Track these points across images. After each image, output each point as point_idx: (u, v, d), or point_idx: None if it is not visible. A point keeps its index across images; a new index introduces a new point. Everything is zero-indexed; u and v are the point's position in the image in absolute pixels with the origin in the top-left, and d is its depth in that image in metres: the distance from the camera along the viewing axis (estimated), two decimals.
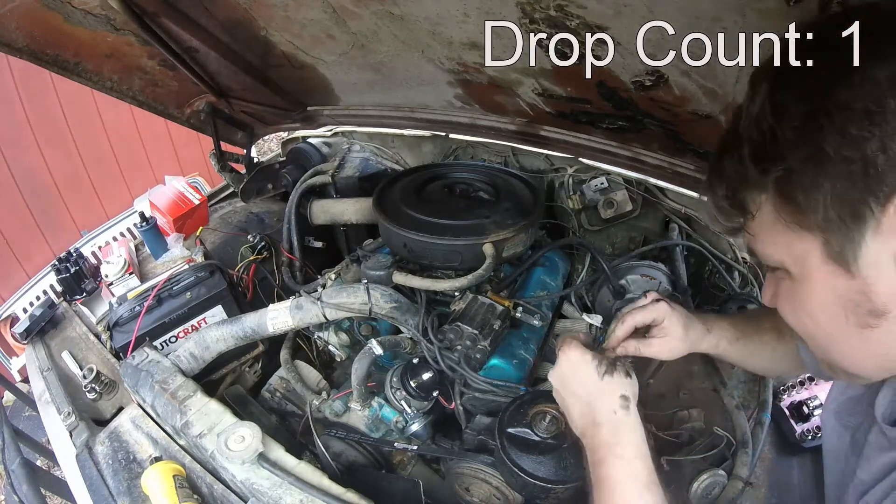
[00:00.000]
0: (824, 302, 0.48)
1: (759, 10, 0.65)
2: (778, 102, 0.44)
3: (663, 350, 0.82)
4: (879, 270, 0.43)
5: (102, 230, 2.83)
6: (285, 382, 1.29)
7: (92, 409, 1.23)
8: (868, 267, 0.44)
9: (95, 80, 1.45)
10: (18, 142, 3.10)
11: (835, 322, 0.48)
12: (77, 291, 1.53)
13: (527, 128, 1.40)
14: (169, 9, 1.17)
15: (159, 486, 0.88)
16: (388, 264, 1.16)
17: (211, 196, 1.96)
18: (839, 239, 0.44)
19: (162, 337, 1.23)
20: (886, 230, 0.41)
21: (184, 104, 1.69)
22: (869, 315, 0.45)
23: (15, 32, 1.22)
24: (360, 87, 1.50)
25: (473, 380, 1.01)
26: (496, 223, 1.15)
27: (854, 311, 0.46)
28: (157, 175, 3.75)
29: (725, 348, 0.84)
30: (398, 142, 1.89)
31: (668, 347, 0.82)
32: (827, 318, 0.49)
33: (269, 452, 0.89)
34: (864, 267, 0.44)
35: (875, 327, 0.46)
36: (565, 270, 1.39)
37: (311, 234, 1.63)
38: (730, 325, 0.85)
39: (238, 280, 1.47)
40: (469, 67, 1.17)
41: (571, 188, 1.52)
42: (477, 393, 1.03)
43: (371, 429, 1.06)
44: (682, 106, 0.96)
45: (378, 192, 1.32)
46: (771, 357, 0.82)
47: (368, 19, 1.07)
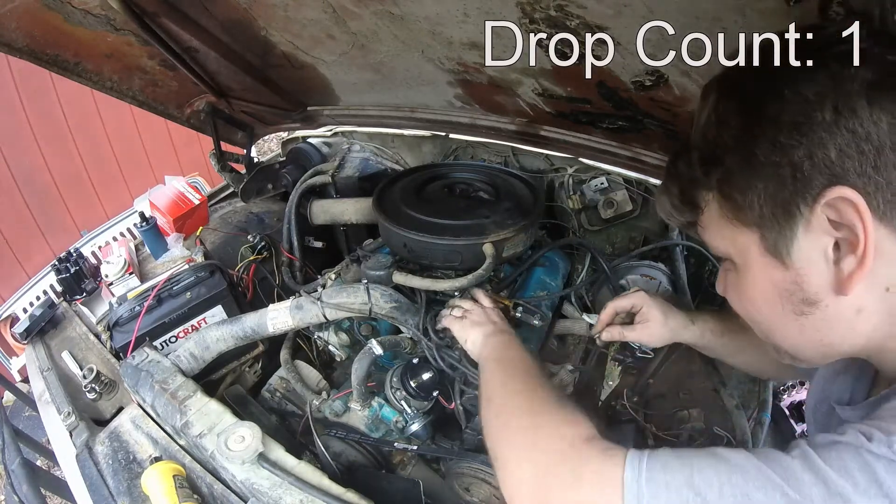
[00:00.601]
0: (763, 291, 0.53)
1: (759, 10, 0.65)
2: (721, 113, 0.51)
3: (644, 334, 0.92)
4: (811, 264, 0.48)
5: (102, 230, 2.82)
6: (285, 382, 1.29)
7: (92, 409, 1.23)
8: (800, 260, 0.48)
9: (95, 80, 1.45)
10: (18, 142, 3.10)
11: (773, 309, 0.53)
12: (77, 291, 1.53)
13: (527, 128, 1.40)
14: (169, 9, 1.17)
15: (159, 486, 0.88)
16: (388, 264, 1.16)
17: (211, 196, 1.96)
18: (773, 234, 0.49)
19: (162, 337, 1.23)
20: (816, 228, 0.46)
21: (184, 104, 1.69)
22: (802, 304, 0.50)
23: (15, 32, 1.22)
24: (360, 87, 1.50)
25: (474, 378, 1.00)
26: (496, 223, 1.15)
27: (789, 300, 0.51)
28: (157, 175, 3.75)
29: (710, 340, 0.90)
30: (398, 142, 1.89)
31: (649, 332, 0.92)
32: (766, 306, 0.54)
33: (269, 452, 0.89)
34: (797, 260, 0.48)
35: (809, 314, 0.50)
36: (565, 270, 1.39)
37: (311, 234, 1.63)
38: (717, 320, 0.91)
39: (238, 280, 1.47)
40: (469, 67, 1.17)
41: (571, 188, 1.52)
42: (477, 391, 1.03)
43: (371, 429, 1.06)
44: (682, 106, 0.96)
45: (378, 192, 1.32)
46: (759, 356, 0.86)
47: (368, 19, 1.07)
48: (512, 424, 0.66)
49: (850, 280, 0.46)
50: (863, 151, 0.42)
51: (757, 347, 0.85)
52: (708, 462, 0.47)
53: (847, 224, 0.44)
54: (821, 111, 0.43)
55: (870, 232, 0.43)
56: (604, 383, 1.19)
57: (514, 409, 0.69)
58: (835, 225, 0.45)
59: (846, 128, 0.42)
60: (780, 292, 0.51)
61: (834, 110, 0.43)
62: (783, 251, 0.49)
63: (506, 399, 0.72)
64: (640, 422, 1.01)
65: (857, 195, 0.43)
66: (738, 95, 0.50)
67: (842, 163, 0.43)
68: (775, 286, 0.51)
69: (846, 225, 0.45)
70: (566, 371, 1.20)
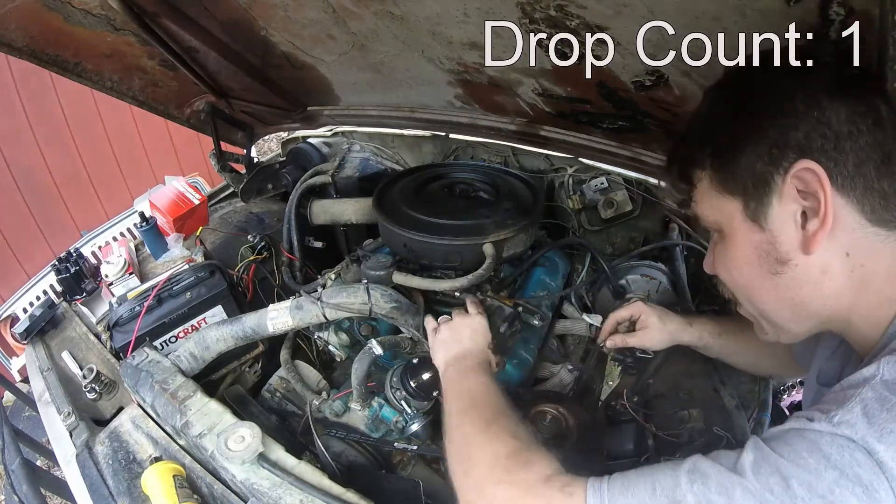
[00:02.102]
0: (744, 253, 0.61)
1: (759, 10, 0.65)
2: (715, 104, 0.63)
3: (644, 339, 1.00)
4: (783, 226, 0.57)
5: (102, 230, 2.82)
6: (285, 382, 1.29)
7: (92, 409, 1.23)
8: (774, 223, 0.57)
9: (95, 80, 1.45)
10: (18, 142, 3.10)
11: (752, 270, 0.61)
12: (77, 291, 1.53)
13: (527, 128, 1.40)
14: (169, 9, 1.17)
15: (159, 486, 0.88)
16: (388, 264, 1.16)
17: (211, 196, 1.96)
18: (753, 202, 0.58)
19: (162, 337, 1.23)
20: (787, 196, 0.55)
21: (184, 104, 1.69)
22: (776, 263, 0.58)
23: (15, 32, 1.22)
24: (360, 87, 1.50)
25: None
26: (496, 223, 1.15)
27: (766, 260, 0.59)
28: (157, 175, 3.75)
29: (709, 342, 0.97)
30: (398, 142, 1.89)
31: (650, 337, 0.99)
32: (747, 268, 0.62)
33: (269, 452, 0.89)
34: (772, 223, 0.57)
35: (781, 273, 0.58)
36: (565, 270, 1.39)
37: (311, 234, 1.63)
38: (714, 321, 0.98)
39: (238, 280, 1.46)
40: (469, 67, 1.17)
41: (571, 188, 1.52)
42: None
43: (371, 429, 1.06)
44: (682, 106, 0.96)
45: (378, 192, 1.32)
46: (757, 355, 0.94)
47: (368, 19, 1.07)
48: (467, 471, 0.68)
49: (814, 239, 0.54)
50: (825, 135, 0.52)
51: (754, 346, 0.92)
52: (668, 473, 0.52)
53: (811, 192, 0.53)
54: (792, 100, 0.54)
55: (829, 198, 0.52)
56: (604, 383, 1.19)
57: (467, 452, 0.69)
58: (802, 195, 0.54)
59: (812, 115, 0.53)
60: (759, 253, 0.59)
61: (803, 100, 0.53)
62: (761, 217, 0.58)
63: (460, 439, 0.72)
64: (640, 422, 1.01)
65: (820, 168, 0.52)
66: (730, 91, 0.63)
67: (808, 143, 0.53)
68: (754, 248, 0.60)
69: (811, 193, 0.54)
70: (566, 371, 1.20)
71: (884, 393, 0.46)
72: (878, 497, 0.42)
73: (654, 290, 1.23)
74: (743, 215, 0.59)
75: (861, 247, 0.54)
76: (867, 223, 0.54)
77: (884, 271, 0.55)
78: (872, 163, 0.52)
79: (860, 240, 0.54)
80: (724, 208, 0.61)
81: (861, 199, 0.53)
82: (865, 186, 0.52)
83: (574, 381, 1.19)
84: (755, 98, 0.57)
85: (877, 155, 0.52)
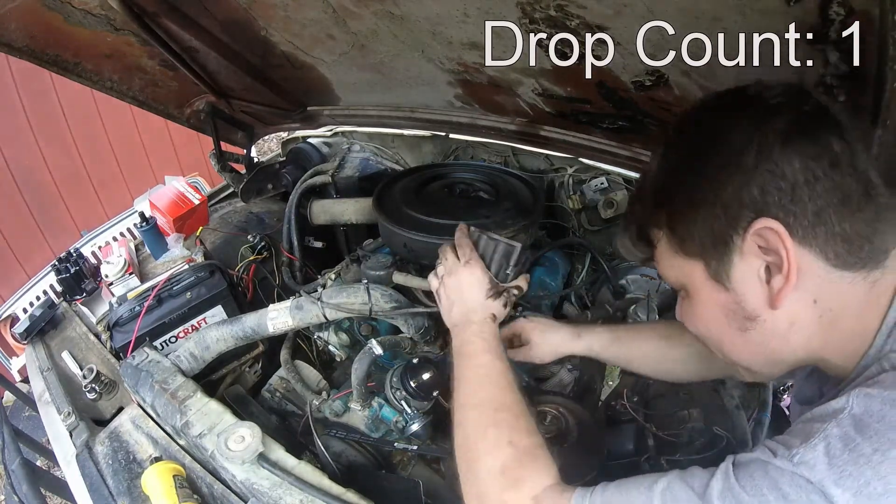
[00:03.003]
0: (711, 312, 0.61)
1: (759, 10, 0.65)
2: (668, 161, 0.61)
3: (528, 355, 1.01)
4: (747, 285, 0.56)
5: (102, 230, 2.82)
6: (285, 382, 1.29)
7: (92, 409, 1.23)
8: (738, 282, 0.56)
9: (95, 80, 1.45)
10: (18, 142, 3.10)
11: (721, 327, 0.61)
12: (77, 291, 1.53)
13: (527, 128, 1.40)
14: (169, 9, 1.17)
15: (159, 486, 0.88)
16: (388, 264, 1.16)
17: (211, 196, 1.96)
18: (714, 262, 0.57)
19: (162, 337, 1.23)
20: (748, 254, 0.54)
21: (184, 104, 1.69)
22: (744, 320, 0.57)
23: (15, 32, 1.22)
24: (360, 87, 1.50)
25: None
26: (496, 223, 1.15)
27: (733, 318, 0.58)
28: (157, 175, 3.75)
29: (599, 352, 0.98)
30: (398, 142, 1.89)
31: (531, 352, 1.00)
32: (715, 325, 0.61)
33: (269, 452, 0.89)
34: (736, 282, 0.56)
35: (750, 329, 0.58)
36: (565, 270, 1.39)
37: (311, 234, 1.63)
38: (608, 331, 0.98)
39: (238, 280, 1.47)
40: (469, 67, 1.17)
41: (571, 188, 1.52)
42: None
43: (371, 429, 1.06)
44: (682, 106, 0.96)
45: (378, 192, 1.32)
46: (657, 361, 0.93)
47: (368, 19, 1.07)
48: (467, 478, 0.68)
49: (779, 296, 0.54)
50: (780, 188, 0.51)
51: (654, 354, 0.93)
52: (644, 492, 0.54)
53: (773, 249, 0.52)
54: (744, 156, 0.52)
55: (791, 254, 0.51)
56: (604, 383, 1.19)
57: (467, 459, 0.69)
58: (763, 250, 0.53)
59: (765, 169, 0.51)
60: (725, 312, 0.59)
61: (755, 155, 0.52)
62: (723, 276, 0.56)
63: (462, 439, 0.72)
64: (640, 422, 1.01)
65: (779, 224, 0.51)
66: (681, 146, 0.60)
67: (764, 198, 0.52)
68: (720, 307, 0.59)
69: (772, 249, 0.52)
70: (566, 371, 1.20)
71: (849, 431, 0.46)
72: None
73: (654, 290, 1.23)
74: (705, 275, 0.58)
75: (828, 292, 0.54)
76: (832, 269, 0.53)
77: (853, 310, 0.54)
78: (832, 207, 0.51)
79: (827, 285, 0.53)
80: (686, 268, 0.60)
81: (824, 247, 0.52)
82: (827, 233, 0.51)
83: (574, 381, 1.19)
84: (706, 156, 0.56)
85: (836, 198, 0.51)
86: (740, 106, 0.56)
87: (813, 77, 0.71)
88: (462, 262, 0.88)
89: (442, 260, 0.92)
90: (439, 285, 0.91)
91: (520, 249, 0.87)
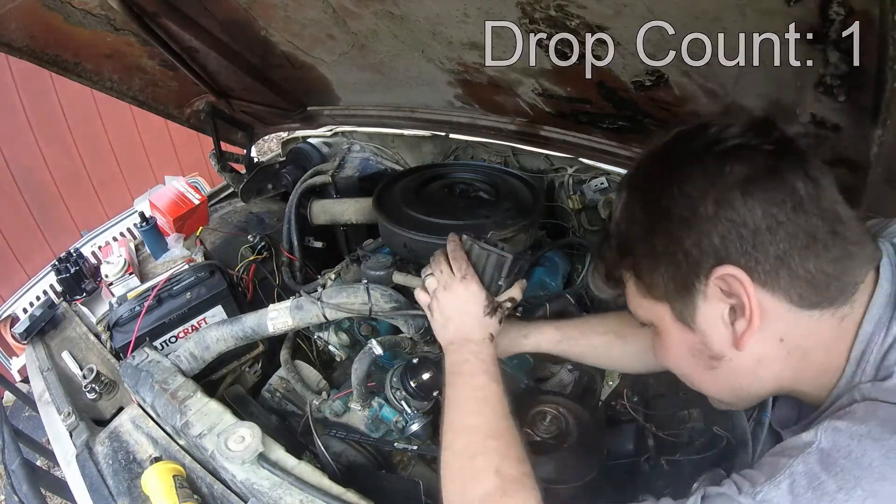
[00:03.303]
0: (679, 350, 0.63)
1: (759, 10, 0.65)
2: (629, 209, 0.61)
3: None
4: (712, 327, 0.57)
5: (102, 230, 2.82)
6: (285, 382, 1.29)
7: (92, 409, 1.23)
8: (703, 324, 0.57)
9: (95, 80, 1.45)
10: (18, 142, 3.10)
11: (690, 365, 0.63)
12: (77, 291, 1.53)
13: (527, 128, 1.40)
14: (169, 9, 1.17)
15: (159, 487, 0.88)
16: (388, 264, 1.16)
17: (211, 196, 1.96)
18: (679, 306, 0.58)
19: (162, 337, 1.22)
20: (712, 298, 0.55)
21: (184, 104, 1.69)
22: (711, 359, 0.59)
23: (15, 32, 1.22)
24: (360, 87, 1.50)
25: None
26: (496, 223, 1.16)
27: (700, 357, 0.60)
28: (157, 175, 3.75)
29: (549, 349, 0.97)
30: (398, 142, 1.89)
31: None
32: (684, 363, 0.64)
33: (269, 452, 0.89)
34: (701, 324, 0.58)
35: (717, 368, 0.59)
36: (565, 270, 1.39)
37: (311, 234, 1.63)
38: (554, 329, 0.96)
39: (238, 280, 1.47)
40: (469, 67, 1.17)
41: (571, 188, 1.52)
42: None
43: (371, 429, 1.06)
44: (682, 106, 0.96)
45: (378, 192, 1.32)
46: (608, 355, 0.94)
47: (368, 19, 1.07)
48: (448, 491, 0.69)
49: (743, 338, 0.55)
50: (741, 235, 0.51)
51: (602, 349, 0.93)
52: None
53: (735, 294, 0.53)
54: (703, 206, 0.52)
55: (753, 298, 0.52)
56: (604, 383, 1.19)
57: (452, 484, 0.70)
58: (726, 294, 0.54)
59: (725, 218, 0.51)
60: (693, 351, 0.61)
61: (714, 203, 0.52)
62: (689, 319, 0.58)
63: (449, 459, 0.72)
64: (640, 422, 1.01)
65: (740, 271, 0.52)
66: (641, 194, 0.60)
67: (724, 246, 0.52)
68: (688, 347, 0.61)
69: (734, 294, 0.53)
70: (566, 371, 1.20)
71: (815, 469, 0.46)
72: None
73: None
74: (672, 317, 0.60)
75: (794, 331, 0.54)
76: (798, 309, 0.53)
77: (822, 345, 0.54)
78: (796, 250, 0.51)
79: (792, 325, 0.54)
80: (653, 310, 0.62)
81: (787, 290, 0.52)
82: (790, 276, 0.52)
83: (574, 381, 1.19)
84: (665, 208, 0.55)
85: (799, 241, 0.51)
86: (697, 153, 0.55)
87: (813, 77, 0.71)
88: (458, 277, 0.84)
89: (435, 272, 0.88)
90: (431, 300, 0.87)
91: (511, 260, 0.85)
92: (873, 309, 0.52)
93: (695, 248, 0.54)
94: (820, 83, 0.71)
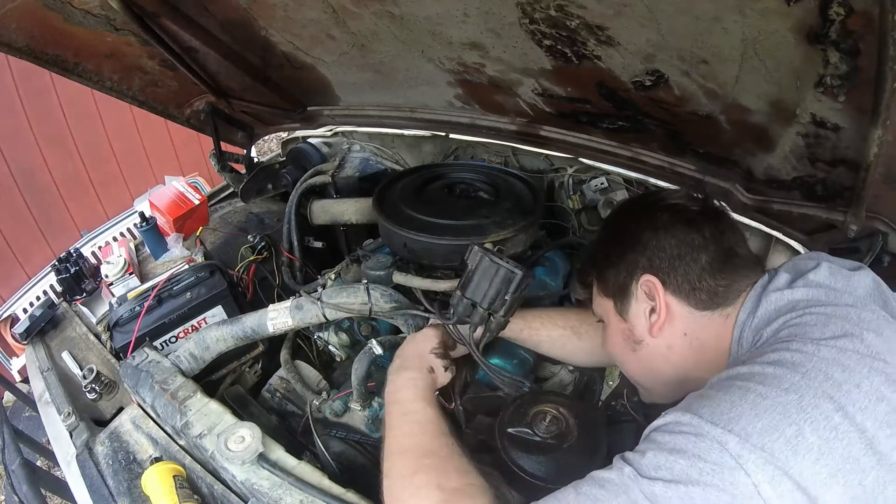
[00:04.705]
0: (616, 337, 0.85)
1: (759, 10, 0.65)
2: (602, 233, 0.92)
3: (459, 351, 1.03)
4: (637, 319, 0.80)
5: (102, 230, 2.82)
6: (285, 382, 1.29)
7: (92, 409, 1.23)
8: (632, 317, 0.81)
9: (95, 80, 1.45)
10: (18, 142, 3.10)
11: (621, 347, 0.85)
12: (77, 291, 1.53)
13: (527, 128, 1.40)
14: (169, 9, 1.17)
15: (159, 487, 0.88)
16: (388, 264, 1.16)
17: (211, 196, 1.96)
18: (619, 302, 0.82)
19: (162, 337, 1.23)
20: (639, 297, 0.79)
21: (184, 104, 1.69)
22: (634, 343, 0.81)
23: (15, 32, 1.22)
24: (360, 87, 1.50)
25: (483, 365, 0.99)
26: (496, 223, 1.15)
27: (628, 341, 0.83)
28: (157, 175, 3.75)
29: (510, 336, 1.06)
30: (398, 142, 1.89)
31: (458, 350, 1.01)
32: (618, 347, 0.86)
33: (269, 453, 0.89)
34: (630, 316, 0.81)
35: (638, 350, 0.81)
36: (565, 270, 1.39)
37: (311, 234, 1.63)
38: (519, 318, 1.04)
39: (238, 280, 1.47)
40: (469, 67, 1.17)
41: (571, 188, 1.52)
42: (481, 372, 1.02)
43: (371, 429, 1.06)
44: (682, 106, 0.96)
45: (378, 193, 1.32)
46: (562, 348, 1.08)
47: (368, 19, 1.07)
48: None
49: (654, 327, 0.77)
50: (661, 258, 0.76)
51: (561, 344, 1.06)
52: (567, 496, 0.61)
53: (652, 295, 0.77)
54: (642, 235, 0.78)
55: (662, 300, 0.75)
56: (604, 383, 1.19)
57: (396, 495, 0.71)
58: (648, 296, 0.77)
59: (652, 245, 0.77)
60: (623, 336, 0.83)
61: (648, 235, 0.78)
62: (624, 312, 0.82)
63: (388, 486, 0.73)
64: (640, 422, 1.01)
65: (657, 279, 0.76)
66: (609, 225, 0.94)
67: (650, 263, 0.77)
68: (620, 333, 0.84)
69: (652, 296, 0.77)
70: (566, 371, 1.20)
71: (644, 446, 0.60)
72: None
73: None
74: (614, 311, 0.83)
75: (694, 327, 0.76)
76: (697, 311, 0.75)
77: (714, 337, 0.74)
78: (695, 272, 0.74)
79: (693, 323, 0.75)
80: (604, 306, 0.86)
81: (689, 297, 0.75)
82: (692, 288, 0.74)
83: (574, 381, 1.19)
84: (620, 238, 0.83)
85: (699, 267, 0.74)
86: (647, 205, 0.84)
87: (813, 77, 0.71)
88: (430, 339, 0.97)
89: None
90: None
91: (520, 278, 0.85)
92: (746, 304, 0.72)
93: (633, 262, 0.79)
94: (820, 83, 0.71)
